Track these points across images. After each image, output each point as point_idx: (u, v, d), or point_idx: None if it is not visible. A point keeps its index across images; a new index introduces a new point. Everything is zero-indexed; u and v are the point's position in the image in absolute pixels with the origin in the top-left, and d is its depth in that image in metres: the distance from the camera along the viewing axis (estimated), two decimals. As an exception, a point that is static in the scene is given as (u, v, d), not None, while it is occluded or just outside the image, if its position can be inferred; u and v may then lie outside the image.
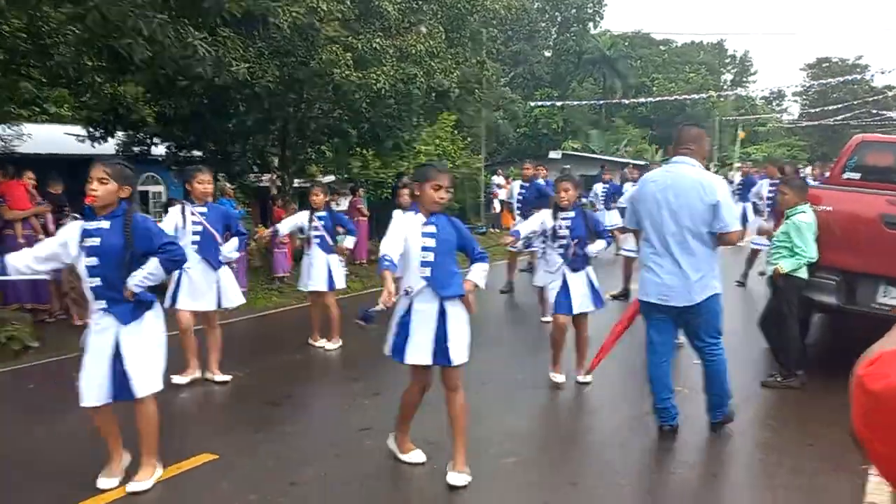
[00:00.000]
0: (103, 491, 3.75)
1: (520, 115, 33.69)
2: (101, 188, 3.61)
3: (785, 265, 5.38)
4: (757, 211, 11.10)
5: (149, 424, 3.81)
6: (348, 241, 7.14)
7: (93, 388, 3.67)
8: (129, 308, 3.68)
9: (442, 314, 3.84)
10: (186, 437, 4.58)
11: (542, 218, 5.67)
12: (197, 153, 13.17)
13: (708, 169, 5.24)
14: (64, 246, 3.69)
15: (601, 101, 34.73)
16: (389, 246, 3.75)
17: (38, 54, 8.57)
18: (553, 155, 29.21)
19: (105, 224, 3.64)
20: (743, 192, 12.68)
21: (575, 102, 33.73)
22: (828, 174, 14.49)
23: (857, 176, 6.61)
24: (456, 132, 22.57)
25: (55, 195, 8.47)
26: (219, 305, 5.82)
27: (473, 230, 14.35)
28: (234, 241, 5.81)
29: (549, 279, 5.68)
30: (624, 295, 9.34)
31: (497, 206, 21.10)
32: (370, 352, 7.11)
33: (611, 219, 11.91)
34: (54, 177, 8.64)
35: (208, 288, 5.70)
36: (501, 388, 5.45)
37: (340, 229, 7.16)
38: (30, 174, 8.26)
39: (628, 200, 4.72)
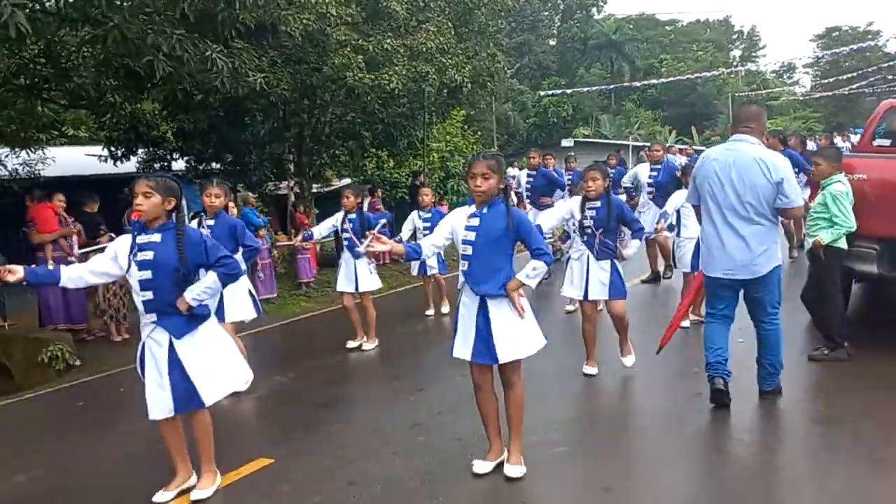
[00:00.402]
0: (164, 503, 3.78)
1: (529, 106, 33.60)
2: (146, 202, 3.62)
3: (825, 236, 5.33)
4: None
5: (206, 432, 3.82)
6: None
7: (156, 402, 3.69)
8: (183, 321, 3.67)
9: (483, 311, 3.75)
10: (239, 444, 4.62)
11: (570, 206, 5.58)
12: (216, 165, 13.28)
13: None
14: (114, 259, 3.71)
15: (611, 86, 34.50)
16: (430, 240, 3.91)
17: (58, 77, 8.67)
18: (565, 143, 29.08)
19: (156, 237, 3.65)
20: None
21: (584, 89, 33.58)
22: (847, 145, 14.31)
23: (887, 142, 6.55)
24: (466, 127, 22.57)
25: (91, 214, 8.53)
26: (221, 319, 5.41)
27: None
28: (237, 257, 5.40)
29: (572, 265, 5.62)
30: (655, 279, 9.29)
31: (514, 198, 21.05)
32: (406, 349, 7.18)
33: None
34: (90, 196, 8.72)
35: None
36: (543, 376, 5.41)
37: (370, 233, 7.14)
38: (60, 197, 8.36)
39: (692, 177, 4.77)
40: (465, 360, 3.84)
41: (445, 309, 8.31)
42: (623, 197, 10.63)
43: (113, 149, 11.91)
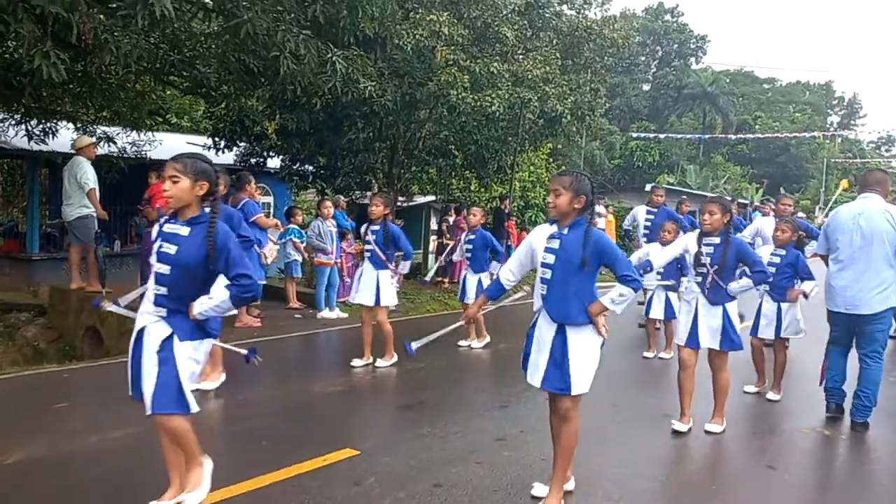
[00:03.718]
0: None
1: (616, 147, 33.39)
2: (173, 188, 3.14)
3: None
4: None
5: (178, 434, 3.26)
6: (403, 267, 6.82)
7: (146, 395, 3.17)
8: (191, 326, 3.21)
9: (562, 337, 3.51)
10: (325, 431, 4.72)
11: (686, 242, 5.24)
12: (309, 167, 13.65)
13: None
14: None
15: (705, 136, 33.95)
16: (507, 266, 3.81)
17: (184, 64, 9.09)
18: (650, 187, 28.75)
19: (184, 231, 3.18)
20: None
21: (677, 136, 33.14)
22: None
23: None
24: (551, 160, 22.55)
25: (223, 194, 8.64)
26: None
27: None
28: None
29: (681, 307, 5.38)
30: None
31: (597, 221, 20.78)
32: (485, 367, 7.14)
33: None
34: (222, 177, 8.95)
35: None
36: (627, 416, 5.31)
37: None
38: (166, 177, 8.68)
39: (822, 229, 5.53)
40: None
41: (477, 343, 7.79)
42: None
43: (217, 139, 12.40)
